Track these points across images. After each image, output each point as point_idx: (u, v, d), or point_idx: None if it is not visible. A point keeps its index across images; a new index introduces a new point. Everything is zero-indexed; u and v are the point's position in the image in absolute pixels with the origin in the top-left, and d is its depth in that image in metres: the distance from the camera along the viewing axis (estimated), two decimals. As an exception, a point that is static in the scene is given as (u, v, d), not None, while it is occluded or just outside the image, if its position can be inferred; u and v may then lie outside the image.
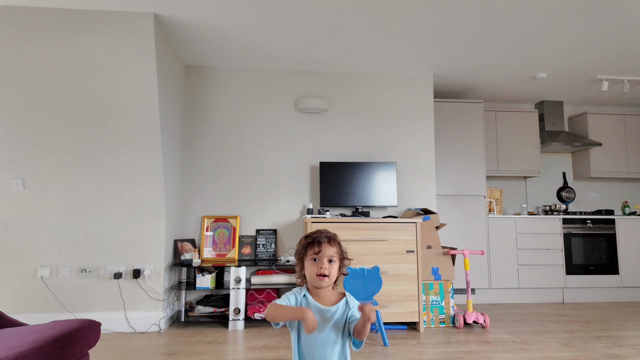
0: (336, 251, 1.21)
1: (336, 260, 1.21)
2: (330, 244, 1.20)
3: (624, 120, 4.72)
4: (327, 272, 1.18)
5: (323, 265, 1.18)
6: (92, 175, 3.00)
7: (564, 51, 3.44)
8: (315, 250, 1.19)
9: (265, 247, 3.61)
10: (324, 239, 1.20)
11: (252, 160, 3.74)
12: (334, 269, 1.20)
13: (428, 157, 3.90)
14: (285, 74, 3.85)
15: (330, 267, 1.19)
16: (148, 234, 3.10)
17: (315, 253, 1.19)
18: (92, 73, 2.82)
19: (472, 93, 4.53)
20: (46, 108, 2.84)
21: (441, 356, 2.52)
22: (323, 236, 1.21)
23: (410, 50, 3.43)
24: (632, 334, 3.02)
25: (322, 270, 1.18)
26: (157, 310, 3.06)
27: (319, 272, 1.18)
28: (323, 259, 1.19)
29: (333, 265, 1.20)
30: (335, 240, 1.23)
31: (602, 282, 4.20)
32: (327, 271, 1.18)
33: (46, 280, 2.97)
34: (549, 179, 4.89)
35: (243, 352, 2.59)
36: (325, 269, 1.18)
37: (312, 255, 1.20)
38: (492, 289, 4.10)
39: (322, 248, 1.19)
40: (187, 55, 3.56)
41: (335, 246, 1.21)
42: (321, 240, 1.20)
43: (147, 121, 2.94)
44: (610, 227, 4.30)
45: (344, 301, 1.21)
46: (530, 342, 2.81)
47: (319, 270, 1.18)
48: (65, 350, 1.43)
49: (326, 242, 1.20)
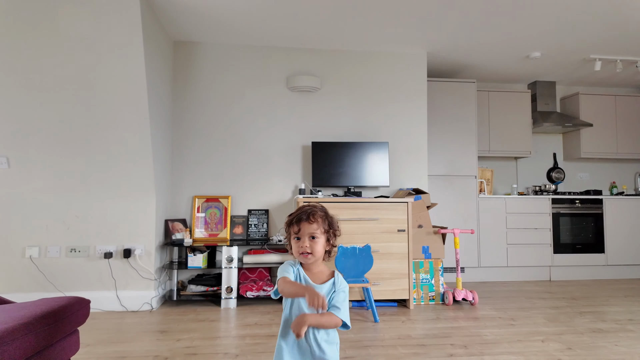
0: (317, 227, 1.19)
1: (319, 236, 1.19)
2: (310, 222, 1.18)
3: (615, 101, 4.74)
4: (308, 250, 1.18)
5: (304, 243, 1.18)
6: (79, 153, 2.94)
7: (559, 30, 3.41)
8: (295, 229, 1.19)
9: (257, 227, 3.60)
10: (303, 216, 1.19)
11: (243, 139, 3.69)
12: (317, 244, 1.19)
13: (420, 137, 3.88)
14: (277, 51, 3.76)
15: (313, 244, 1.18)
16: (138, 214, 3.07)
17: (296, 232, 1.19)
18: (76, 47, 2.72)
19: (465, 72, 4.49)
20: (28, 84, 2.75)
21: (430, 332, 2.57)
22: (303, 213, 1.20)
23: (404, 26, 3.37)
24: (615, 309, 3.11)
25: (304, 249, 1.18)
26: (148, 290, 3.06)
27: (300, 250, 1.18)
28: (304, 238, 1.18)
29: (316, 242, 1.19)
30: (315, 216, 1.20)
31: (588, 260, 4.29)
32: (308, 249, 1.18)
33: (35, 260, 2.94)
34: (540, 159, 4.93)
35: (235, 329, 2.61)
36: (307, 247, 1.17)
37: (294, 235, 1.20)
38: (481, 268, 4.17)
39: (301, 227, 1.18)
40: (174, 31, 3.45)
41: (316, 222, 1.19)
42: (300, 218, 1.19)
43: (135, 98, 2.87)
44: (597, 207, 4.36)
45: (332, 282, 1.21)
46: (517, 317, 2.87)
47: (300, 249, 1.18)
48: (54, 326, 1.42)
49: (305, 221, 1.18)
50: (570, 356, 2.15)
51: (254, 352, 2.19)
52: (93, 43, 2.73)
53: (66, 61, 2.74)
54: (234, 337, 2.44)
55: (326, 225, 1.21)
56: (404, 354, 2.18)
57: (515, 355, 2.16)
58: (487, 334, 2.51)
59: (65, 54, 2.72)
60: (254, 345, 2.30)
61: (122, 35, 2.74)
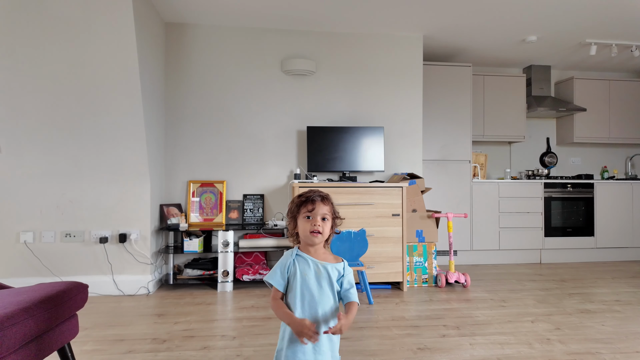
0: (329, 210, 1.23)
1: (329, 219, 1.23)
2: (324, 203, 1.23)
3: (609, 86, 4.75)
4: (320, 229, 1.20)
5: (317, 222, 1.20)
6: (71, 138, 2.90)
7: (555, 14, 3.38)
8: (309, 207, 1.21)
9: (252, 211, 3.62)
10: (317, 197, 1.23)
11: (237, 123, 3.66)
12: (327, 226, 1.22)
13: (415, 121, 3.88)
14: (271, 33, 3.70)
15: (324, 225, 1.21)
16: (133, 199, 3.06)
17: (309, 211, 1.21)
18: (65, 30, 2.66)
19: (461, 56, 4.46)
20: (17, 68, 2.69)
21: (423, 313, 2.62)
22: (316, 195, 1.24)
23: (401, 7, 3.32)
24: (602, 291, 3.20)
25: (316, 227, 1.20)
26: (145, 274, 3.07)
27: (313, 229, 1.20)
28: (317, 217, 1.21)
29: (326, 223, 1.22)
30: (328, 199, 1.25)
31: (578, 243, 4.38)
32: (320, 228, 1.20)
33: (30, 245, 2.94)
34: (533, 144, 4.96)
35: (232, 311, 2.65)
36: (319, 226, 1.20)
37: (306, 213, 1.22)
38: (473, 251, 4.24)
39: (316, 206, 1.21)
40: (166, 12, 3.38)
41: (328, 205, 1.24)
42: (314, 199, 1.22)
43: (127, 81, 2.82)
44: (589, 190, 4.43)
45: (342, 266, 1.24)
46: (508, 299, 2.95)
47: (312, 227, 1.20)
48: (53, 311, 1.43)
49: (319, 201, 1.22)
50: (558, 336, 2.22)
51: (251, 334, 2.23)
52: (83, 25, 2.67)
53: (56, 44, 2.68)
54: (230, 320, 2.48)
55: (333, 211, 1.25)
56: (398, 334, 2.24)
57: (506, 336, 2.22)
58: (478, 315, 2.57)
59: (55, 36, 2.66)
60: (250, 328, 2.34)
61: (113, 16, 2.68)
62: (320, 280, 1.20)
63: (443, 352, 2.00)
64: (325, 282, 1.20)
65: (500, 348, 2.05)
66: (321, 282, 1.19)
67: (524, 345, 2.09)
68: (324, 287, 1.19)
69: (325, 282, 1.20)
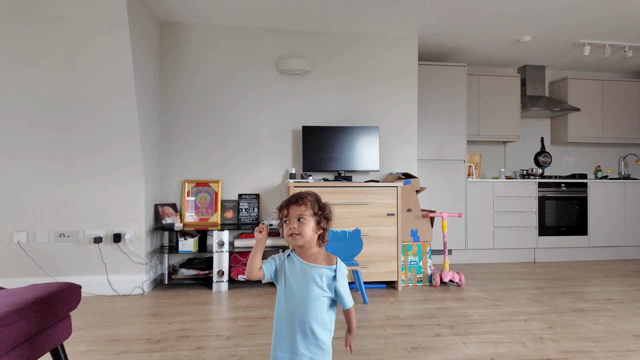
0: (306, 209, 1.23)
1: (308, 218, 1.22)
2: (298, 204, 1.23)
3: (602, 86, 4.79)
4: (296, 231, 1.21)
5: (292, 225, 1.22)
6: (64, 137, 2.89)
7: (549, 14, 3.40)
8: (285, 213, 1.24)
9: (248, 211, 3.61)
10: (292, 200, 1.25)
11: (232, 123, 3.65)
12: (306, 227, 1.22)
13: (410, 121, 3.89)
14: (266, 33, 3.70)
15: (301, 226, 1.21)
16: (127, 198, 3.05)
17: (285, 216, 1.24)
18: (59, 28, 2.64)
19: (456, 56, 4.48)
20: (9, 65, 2.67)
21: (418, 312, 2.64)
22: (292, 197, 1.26)
23: (396, 6, 3.33)
24: (595, 289, 3.23)
25: (292, 230, 1.21)
26: (139, 274, 3.07)
27: (289, 232, 1.22)
28: (292, 219, 1.22)
29: (305, 224, 1.22)
30: (304, 199, 1.24)
31: (571, 242, 4.41)
32: (296, 230, 1.21)
33: (23, 245, 2.92)
34: (528, 143, 4.99)
35: (227, 311, 2.65)
36: (295, 228, 1.21)
37: (283, 218, 1.25)
38: (468, 250, 4.27)
39: (290, 210, 1.23)
40: (161, 11, 3.36)
41: (304, 205, 1.23)
42: (289, 202, 1.25)
43: (121, 80, 2.81)
44: (582, 190, 4.46)
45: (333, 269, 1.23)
46: (502, 298, 2.97)
47: (288, 230, 1.22)
48: (45, 312, 1.43)
49: (293, 204, 1.24)
50: (551, 334, 2.24)
51: (245, 334, 2.23)
52: (77, 24, 2.65)
53: (49, 42, 2.66)
54: (225, 320, 2.48)
55: (316, 208, 1.24)
56: (392, 334, 2.25)
57: (499, 335, 2.24)
58: (472, 314, 2.59)
59: (48, 35, 2.64)
60: (245, 327, 2.34)
61: (107, 15, 2.66)
62: (305, 281, 1.21)
63: (437, 351, 2.01)
64: (311, 283, 1.21)
65: (493, 347, 2.07)
66: (307, 283, 1.21)
67: (517, 344, 2.10)
68: (309, 288, 1.20)
69: (311, 284, 1.21)
